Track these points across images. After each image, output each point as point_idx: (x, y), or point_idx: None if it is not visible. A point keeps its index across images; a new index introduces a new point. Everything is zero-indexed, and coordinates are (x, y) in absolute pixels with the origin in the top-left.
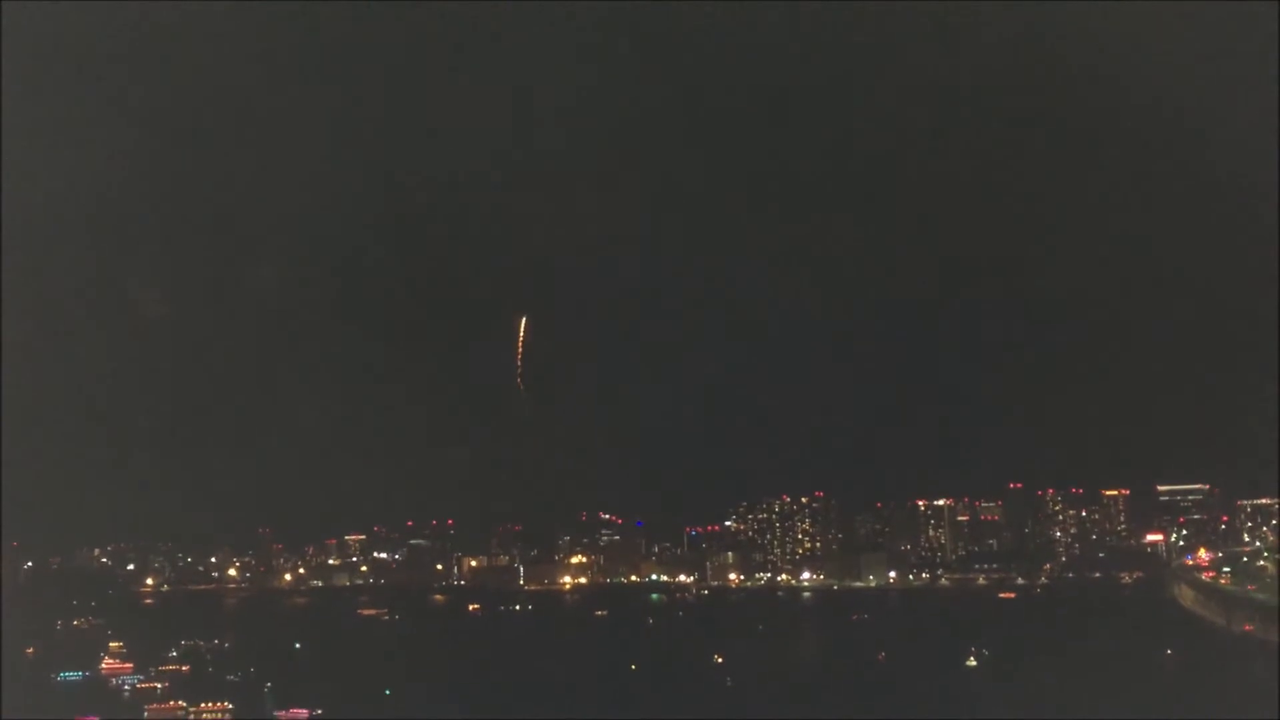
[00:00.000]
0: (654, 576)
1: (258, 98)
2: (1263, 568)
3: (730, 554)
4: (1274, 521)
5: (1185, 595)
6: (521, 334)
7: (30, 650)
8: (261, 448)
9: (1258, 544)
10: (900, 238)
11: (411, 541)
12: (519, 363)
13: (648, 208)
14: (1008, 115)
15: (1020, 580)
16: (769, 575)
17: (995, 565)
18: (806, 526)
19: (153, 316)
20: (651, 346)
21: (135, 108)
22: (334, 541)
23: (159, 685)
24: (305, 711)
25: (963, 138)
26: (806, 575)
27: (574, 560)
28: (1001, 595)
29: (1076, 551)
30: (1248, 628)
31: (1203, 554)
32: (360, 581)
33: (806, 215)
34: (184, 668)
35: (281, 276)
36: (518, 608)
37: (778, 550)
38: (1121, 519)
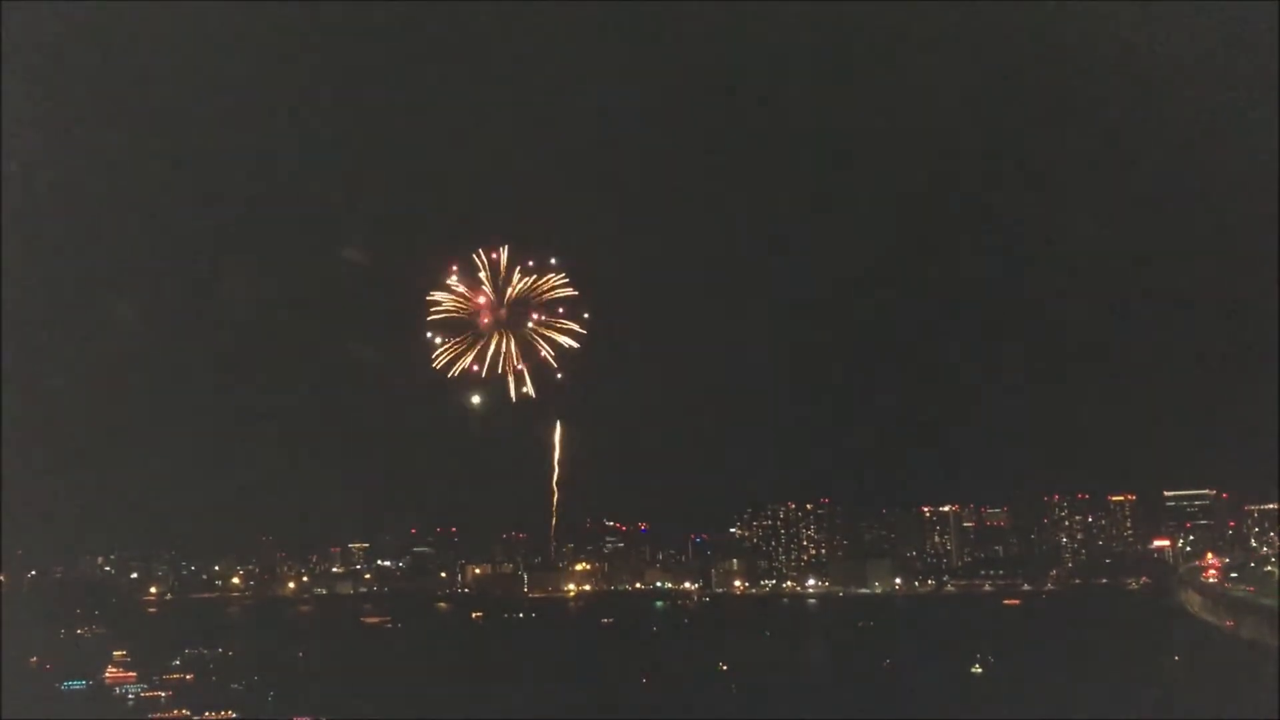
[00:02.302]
0: (658, 584)
1: (259, 97)
2: (1270, 573)
3: (735, 561)
4: None
5: (1193, 601)
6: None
7: (35, 659)
8: (264, 455)
9: (1265, 549)
10: (906, 242)
11: (415, 549)
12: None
13: (649, 210)
14: (1009, 116)
15: (1026, 586)
16: (774, 582)
17: (1001, 571)
18: (811, 533)
19: (156, 323)
20: (654, 351)
21: (135, 107)
22: (338, 549)
23: (163, 694)
24: (309, 719)
25: (963, 139)
26: (812, 582)
27: (578, 568)
28: (1006, 602)
29: (1083, 557)
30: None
31: (1210, 559)
32: (364, 589)
33: (812, 218)
34: (188, 676)
35: (286, 282)
36: (521, 615)
37: (783, 557)
38: (1128, 525)
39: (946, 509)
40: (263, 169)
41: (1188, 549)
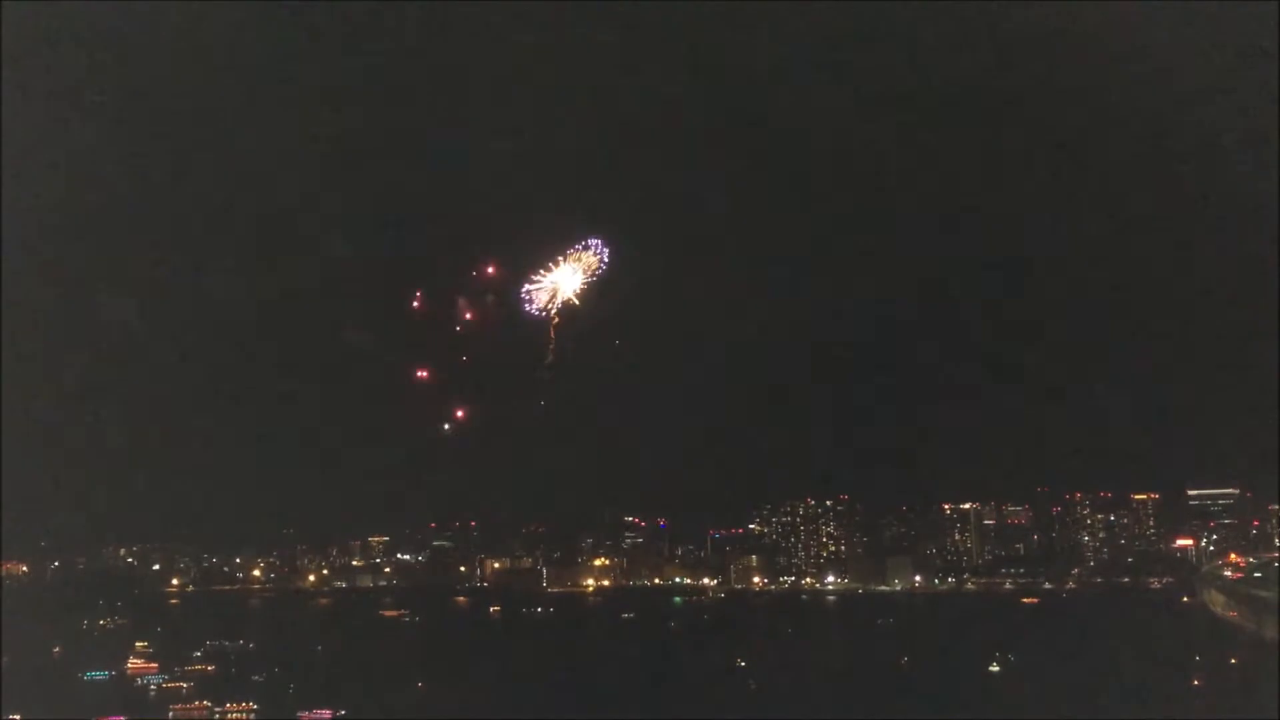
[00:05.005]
0: (676, 579)
1: (257, 96)
2: None
3: (754, 557)
4: None
5: (1215, 601)
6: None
7: (57, 650)
8: (285, 448)
9: None
10: (927, 239)
11: (434, 543)
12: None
13: (660, 208)
14: (1013, 116)
15: (1047, 585)
16: (793, 579)
17: (1022, 570)
18: (831, 529)
19: (179, 318)
20: (675, 347)
21: (136, 107)
22: (358, 543)
23: (184, 685)
24: (329, 712)
25: (972, 139)
26: (830, 579)
27: (597, 563)
28: (1024, 600)
29: (1105, 556)
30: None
31: (1233, 559)
32: (383, 583)
33: (830, 214)
34: (209, 668)
35: (306, 275)
36: (540, 610)
37: (801, 553)
38: (1151, 523)
39: (967, 506)
40: (284, 165)
41: (1211, 548)
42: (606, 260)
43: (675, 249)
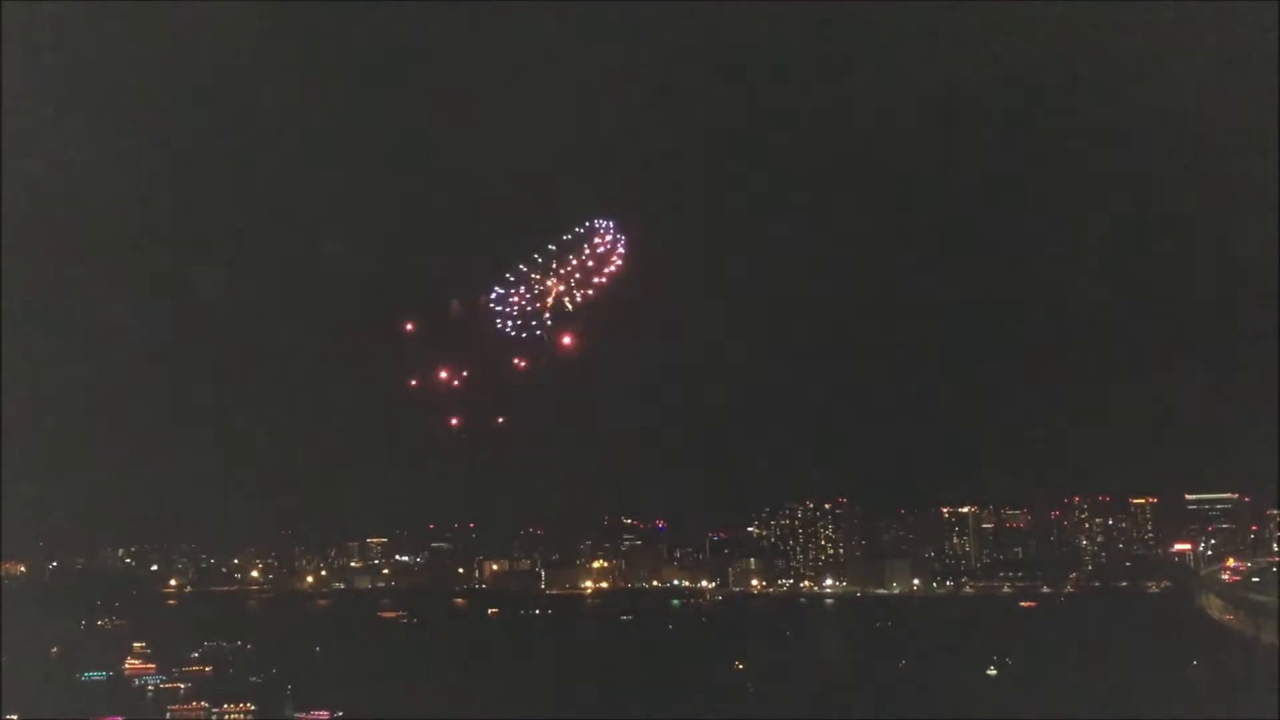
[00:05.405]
0: (675, 582)
1: (256, 97)
2: None
3: (752, 560)
4: None
5: (1213, 605)
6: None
7: (55, 650)
8: (284, 449)
9: None
10: (926, 241)
11: (433, 545)
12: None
13: (661, 208)
14: (1015, 116)
15: (1045, 589)
16: (791, 581)
17: (1020, 573)
18: (829, 533)
19: (180, 319)
20: (672, 349)
21: (140, 108)
22: (356, 544)
23: (181, 686)
24: (326, 713)
25: (970, 139)
26: (829, 582)
27: (595, 565)
28: (1022, 604)
29: (1103, 560)
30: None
31: (1231, 563)
32: (382, 584)
33: (828, 216)
34: (206, 669)
35: (303, 277)
36: (538, 612)
37: (800, 556)
38: (1149, 528)
39: (965, 510)
40: (284, 165)
41: (1209, 553)
42: (622, 250)
43: (674, 247)
